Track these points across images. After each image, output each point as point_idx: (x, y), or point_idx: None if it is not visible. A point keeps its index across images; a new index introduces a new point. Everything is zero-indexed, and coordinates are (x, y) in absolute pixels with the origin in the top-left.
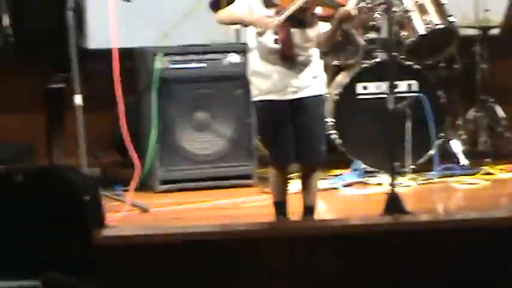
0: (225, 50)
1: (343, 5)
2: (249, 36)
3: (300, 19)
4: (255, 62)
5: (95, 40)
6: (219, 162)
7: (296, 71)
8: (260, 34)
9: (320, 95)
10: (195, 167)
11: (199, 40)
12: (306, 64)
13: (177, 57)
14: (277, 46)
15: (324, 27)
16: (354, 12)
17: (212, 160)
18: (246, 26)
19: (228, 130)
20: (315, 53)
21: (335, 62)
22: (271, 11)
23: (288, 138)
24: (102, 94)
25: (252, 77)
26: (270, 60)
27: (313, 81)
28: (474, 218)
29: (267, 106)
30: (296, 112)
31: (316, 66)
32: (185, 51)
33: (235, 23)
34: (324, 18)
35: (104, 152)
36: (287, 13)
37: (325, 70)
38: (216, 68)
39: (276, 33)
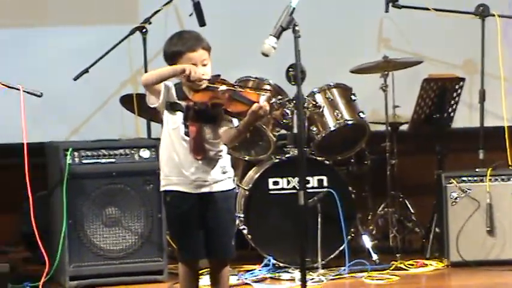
0: (136, 145)
1: (256, 102)
2: (164, 125)
3: (212, 115)
4: (166, 153)
5: (4, 135)
6: (129, 258)
7: (206, 166)
8: (174, 127)
9: (229, 190)
10: (105, 262)
11: (109, 135)
12: (215, 159)
13: (88, 153)
14: (187, 139)
15: (236, 123)
16: (267, 108)
17: (122, 256)
18: (178, 75)
19: (139, 225)
20: (224, 148)
21: (246, 158)
22: (182, 103)
23: (196, 233)
24: (11, 189)
25: (162, 167)
26: (181, 152)
27: (222, 176)
28: None
29: (176, 197)
30: (205, 207)
31: (226, 161)
32: (95, 146)
33: (164, 79)
34: (236, 115)
35: (13, 247)
36: (222, 88)
37: (237, 165)
38: (126, 164)
39: (186, 127)
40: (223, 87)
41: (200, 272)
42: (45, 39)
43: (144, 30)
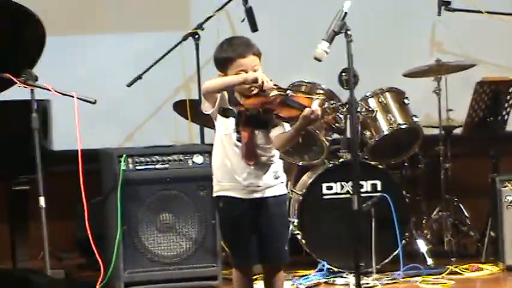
0: (189, 151)
1: (308, 106)
2: (216, 131)
3: (264, 120)
4: (218, 158)
5: (60, 142)
6: (183, 264)
7: (258, 171)
8: (226, 133)
9: (282, 195)
10: (160, 268)
11: (163, 141)
12: (268, 164)
13: (141, 159)
14: (239, 144)
15: (288, 128)
16: (318, 113)
17: (177, 262)
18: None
19: (193, 231)
20: (276, 153)
21: (299, 163)
22: (234, 109)
23: (249, 238)
24: (66, 195)
25: (214, 172)
26: (233, 158)
27: (274, 181)
28: None
29: (228, 203)
30: (258, 212)
31: (278, 166)
32: (149, 152)
33: (230, 88)
34: (288, 120)
35: (67, 253)
36: (273, 93)
37: (290, 170)
38: (180, 169)
39: (238, 133)
40: (274, 92)
41: (254, 277)
42: (98, 46)
43: (196, 36)
